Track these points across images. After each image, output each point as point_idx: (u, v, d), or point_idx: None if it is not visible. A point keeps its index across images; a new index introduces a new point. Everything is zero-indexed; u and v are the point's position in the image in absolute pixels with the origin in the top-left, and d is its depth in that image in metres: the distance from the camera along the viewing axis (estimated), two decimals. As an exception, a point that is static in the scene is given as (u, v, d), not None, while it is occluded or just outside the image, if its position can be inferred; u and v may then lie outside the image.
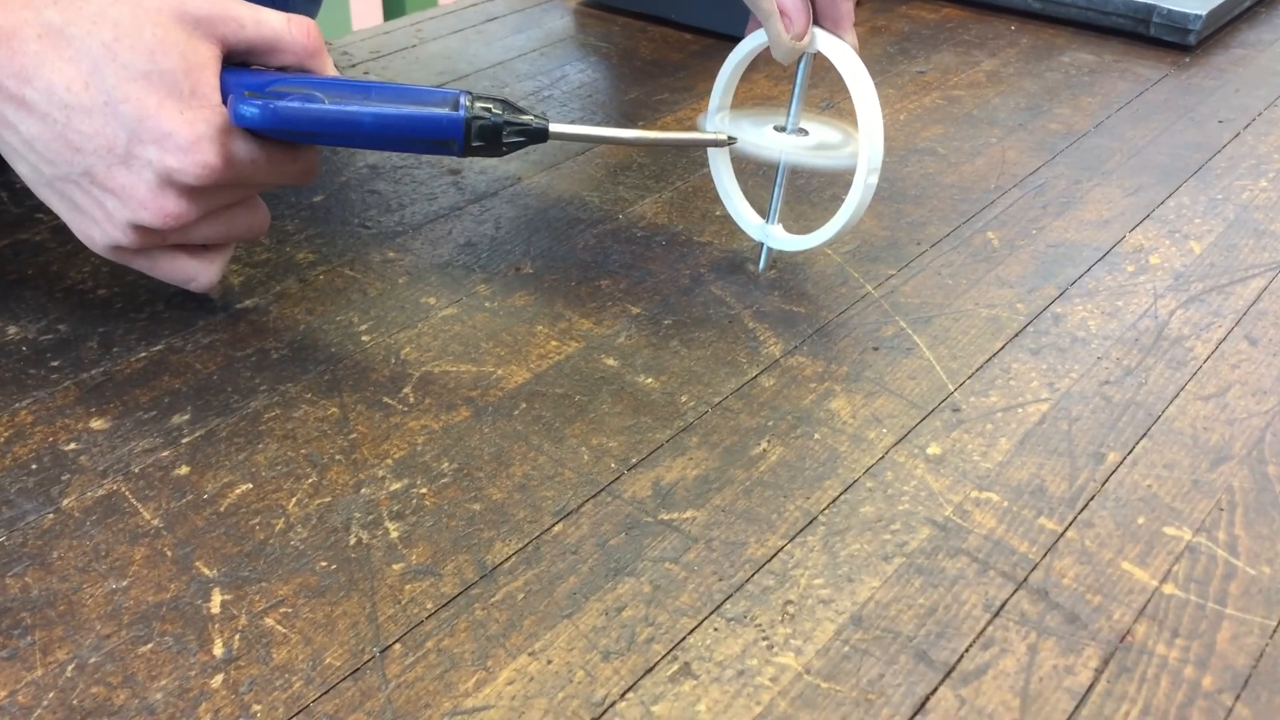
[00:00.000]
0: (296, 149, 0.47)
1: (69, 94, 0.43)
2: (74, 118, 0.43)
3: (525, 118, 0.48)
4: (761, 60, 0.54)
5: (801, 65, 0.53)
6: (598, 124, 0.72)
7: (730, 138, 0.54)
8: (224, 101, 0.45)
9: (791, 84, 0.53)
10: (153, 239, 0.47)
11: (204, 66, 0.44)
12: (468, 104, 0.46)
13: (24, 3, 0.43)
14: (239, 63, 0.47)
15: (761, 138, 0.54)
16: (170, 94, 0.43)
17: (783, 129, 0.54)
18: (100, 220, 0.46)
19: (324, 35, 0.86)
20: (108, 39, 0.43)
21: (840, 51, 0.51)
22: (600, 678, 0.36)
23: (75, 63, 0.43)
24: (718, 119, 0.56)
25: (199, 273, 0.49)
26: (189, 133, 0.43)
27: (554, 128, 0.48)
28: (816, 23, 0.51)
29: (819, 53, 0.52)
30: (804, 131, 0.54)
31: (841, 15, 0.51)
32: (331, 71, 0.48)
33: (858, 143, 0.51)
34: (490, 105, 0.47)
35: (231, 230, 0.48)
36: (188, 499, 0.43)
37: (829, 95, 0.76)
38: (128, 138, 0.43)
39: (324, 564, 0.40)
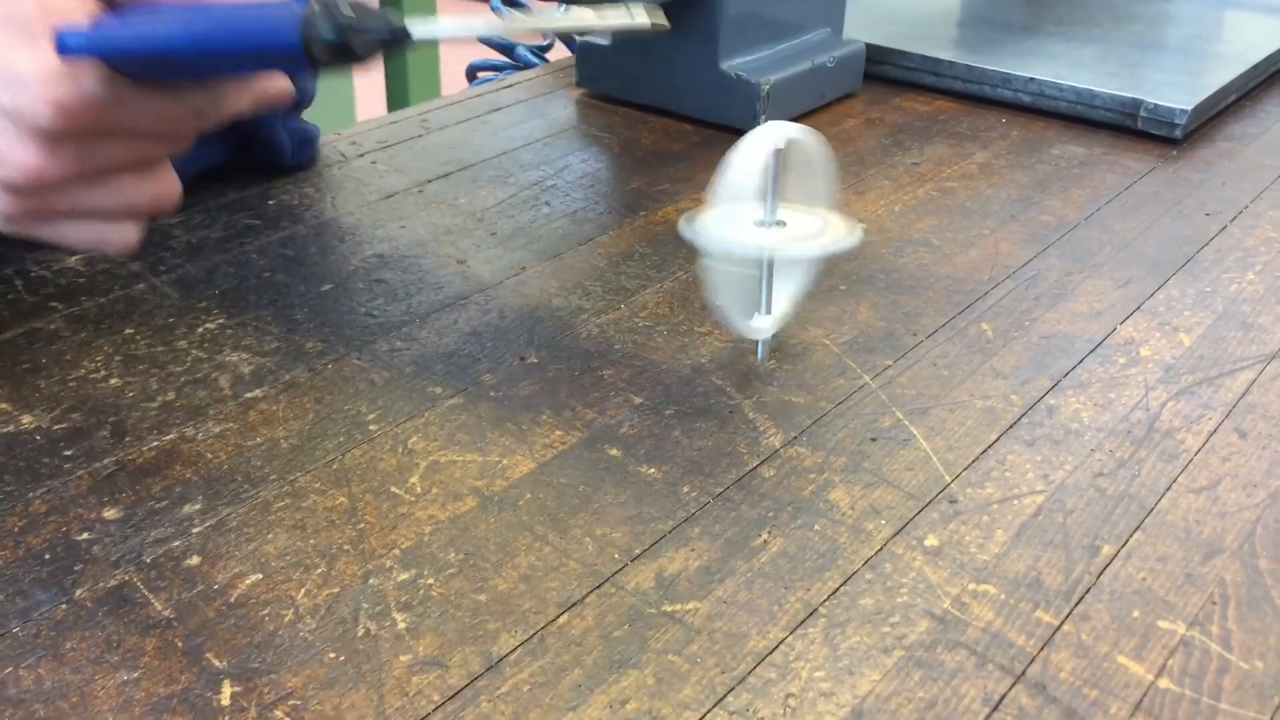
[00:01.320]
0: (175, 88, 0.44)
1: None
2: None
3: (376, 23, 0.41)
4: None
5: (774, 160, 0.54)
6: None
7: (653, 17, 0.45)
8: None
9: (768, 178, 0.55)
10: (35, 202, 0.44)
11: (68, 10, 0.42)
12: (310, 3, 0.41)
13: None
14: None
15: (741, 236, 0.55)
16: (21, 37, 0.41)
17: (762, 223, 0.55)
18: None
19: (329, 126, 0.88)
20: None
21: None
22: (605, 771, 0.37)
23: None
24: (699, 214, 0.57)
25: (110, 233, 0.47)
26: (36, 70, 0.41)
27: (417, 30, 0.42)
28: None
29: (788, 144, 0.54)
30: (782, 223, 0.55)
31: None
32: None
33: (833, 227, 0.53)
34: (333, 4, 0.41)
35: (134, 198, 0.46)
36: (198, 589, 0.43)
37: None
38: None
39: (332, 655, 0.41)
